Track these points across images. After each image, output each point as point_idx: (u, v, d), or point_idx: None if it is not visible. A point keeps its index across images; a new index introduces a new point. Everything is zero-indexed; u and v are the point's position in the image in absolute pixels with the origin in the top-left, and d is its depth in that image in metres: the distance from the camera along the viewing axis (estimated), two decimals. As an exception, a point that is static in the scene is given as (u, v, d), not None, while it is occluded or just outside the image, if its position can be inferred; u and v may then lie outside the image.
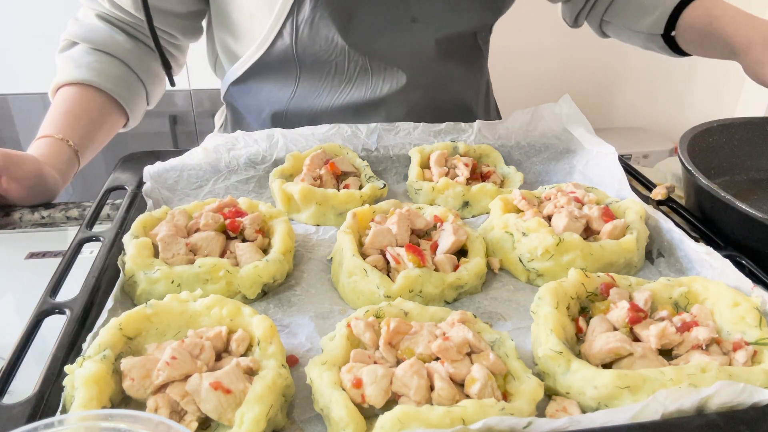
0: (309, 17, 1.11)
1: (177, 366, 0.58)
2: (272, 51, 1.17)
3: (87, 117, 1.17)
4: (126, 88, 1.21)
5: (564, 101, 1.16)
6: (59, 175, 1.08)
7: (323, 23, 1.11)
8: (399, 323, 0.63)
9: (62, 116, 1.15)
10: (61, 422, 0.44)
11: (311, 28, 1.12)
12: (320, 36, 1.13)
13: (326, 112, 1.23)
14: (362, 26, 1.14)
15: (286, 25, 1.12)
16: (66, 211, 1.05)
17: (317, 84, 1.21)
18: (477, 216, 1.01)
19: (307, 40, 1.14)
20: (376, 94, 1.20)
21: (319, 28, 1.12)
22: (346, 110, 1.23)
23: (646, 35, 1.28)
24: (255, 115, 1.30)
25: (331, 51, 1.15)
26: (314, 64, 1.18)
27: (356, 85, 1.20)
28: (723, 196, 0.84)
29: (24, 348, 0.64)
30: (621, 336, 0.65)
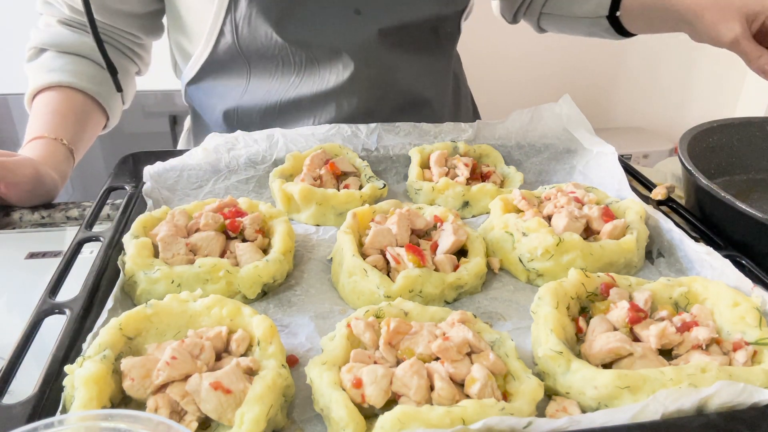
0: (246, 14, 1.10)
1: (177, 366, 0.58)
2: (218, 49, 1.17)
3: (73, 115, 1.17)
4: (101, 86, 1.22)
5: (564, 101, 1.16)
6: (57, 174, 1.08)
7: (259, 20, 1.11)
8: (399, 323, 0.63)
9: (49, 116, 1.15)
10: (61, 422, 0.44)
11: (249, 24, 1.11)
12: (259, 32, 1.12)
13: (276, 107, 1.22)
14: (301, 21, 1.12)
15: (225, 22, 1.12)
16: (66, 211, 1.05)
17: (268, 79, 1.20)
18: (477, 216, 1.01)
19: (248, 36, 1.13)
20: (324, 86, 1.19)
21: (256, 24, 1.11)
22: (296, 104, 1.21)
23: (589, 20, 1.27)
24: (209, 114, 1.29)
25: (272, 47, 1.14)
26: (261, 60, 1.17)
27: (305, 78, 1.19)
28: (723, 196, 0.84)
29: (24, 348, 0.63)
30: (621, 336, 0.65)
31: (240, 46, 1.14)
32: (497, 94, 3.02)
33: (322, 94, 1.19)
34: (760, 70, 0.97)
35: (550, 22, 1.39)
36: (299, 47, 1.15)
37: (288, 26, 1.12)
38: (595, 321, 0.69)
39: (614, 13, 1.23)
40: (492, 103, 2.91)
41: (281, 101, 1.21)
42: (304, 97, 1.20)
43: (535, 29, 1.45)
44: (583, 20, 1.29)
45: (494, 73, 2.95)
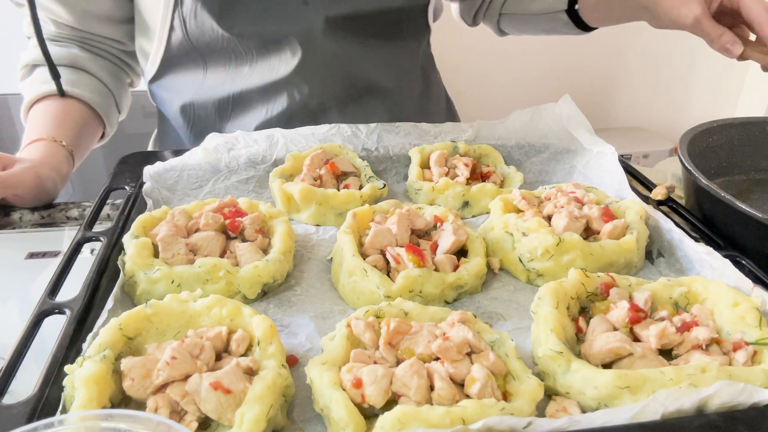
0: (191, 8, 1.10)
1: (177, 366, 0.58)
2: (171, 44, 1.17)
3: (70, 120, 1.18)
4: (97, 95, 1.23)
5: (564, 101, 1.16)
6: (57, 175, 1.09)
7: (204, 13, 1.11)
8: (399, 323, 0.63)
9: (48, 121, 1.16)
10: (61, 422, 0.44)
11: (196, 18, 1.11)
12: (206, 26, 1.12)
13: (230, 99, 1.21)
14: (245, 13, 1.12)
15: (174, 17, 1.12)
16: (66, 211, 1.05)
17: (223, 71, 1.20)
18: (477, 216, 1.01)
19: (196, 30, 1.13)
20: (275, 76, 1.18)
21: (202, 18, 1.11)
22: (249, 95, 1.21)
23: (548, 16, 1.26)
24: (168, 110, 1.29)
25: (220, 39, 1.14)
26: (214, 53, 1.17)
27: (256, 68, 1.19)
28: (723, 196, 0.84)
29: (24, 348, 0.63)
30: (621, 336, 0.65)
31: (191, 41, 1.14)
32: (497, 94, 3.03)
33: (273, 84, 1.19)
34: (723, 48, 0.96)
35: (510, 23, 1.38)
36: (246, 39, 1.15)
37: (231, 19, 1.12)
38: (595, 321, 0.69)
39: (573, 6, 1.22)
40: (492, 103, 2.92)
41: (234, 93, 1.20)
42: (256, 88, 1.20)
43: (495, 32, 1.44)
44: (541, 17, 1.28)
45: (494, 73, 2.95)
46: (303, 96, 1.20)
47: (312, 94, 1.20)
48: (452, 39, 2.65)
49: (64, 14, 1.19)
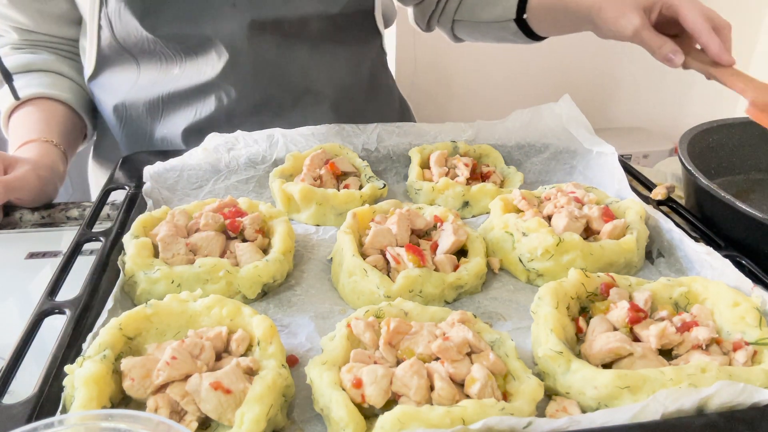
0: (115, 9, 1.09)
1: (177, 366, 0.58)
2: (101, 44, 1.16)
3: (56, 121, 1.18)
4: (74, 95, 1.23)
5: (564, 101, 1.16)
6: (55, 175, 1.09)
7: (127, 15, 1.09)
8: (399, 323, 0.63)
9: (34, 123, 1.16)
10: (61, 422, 0.44)
11: (120, 19, 1.10)
12: (130, 27, 1.11)
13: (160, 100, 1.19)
14: (169, 15, 1.11)
15: (101, 17, 1.11)
16: (66, 211, 1.05)
17: (155, 72, 1.18)
18: (477, 216, 1.01)
19: (122, 31, 1.12)
20: (203, 78, 1.17)
21: (126, 19, 1.10)
22: (178, 96, 1.19)
23: (498, 24, 1.26)
24: (103, 109, 1.27)
25: (145, 40, 1.12)
26: (144, 54, 1.16)
27: (186, 70, 1.17)
28: (723, 196, 0.84)
29: (24, 348, 0.64)
30: (621, 336, 0.65)
31: (118, 41, 1.13)
32: (497, 94, 3.02)
33: (201, 86, 1.17)
34: (664, 58, 0.96)
35: (463, 30, 1.37)
36: (170, 41, 1.13)
37: (155, 21, 1.11)
38: (595, 321, 0.69)
39: (521, 16, 1.22)
40: (492, 103, 2.92)
41: (164, 94, 1.19)
42: (184, 90, 1.18)
43: (450, 38, 1.43)
44: (492, 25, 1.28)
45: (494, 73, 2.95)
46: (231, 100, 1.18)
47: (240, 98, 1.18)
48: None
49: (21, 18, 1.18)
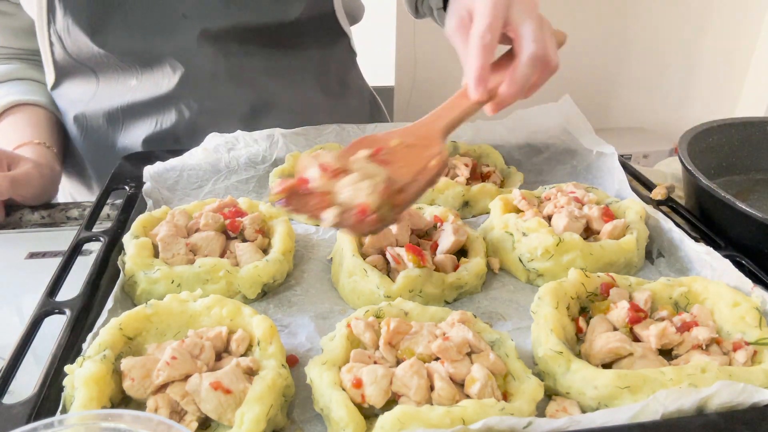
0: (63, 26, 1.08)
1: (177, 366, 0.58)
2: (56, 58, 1.14)
3: (41, 124, 1.18)
4: (51, 98, 1.22)
5: (564, 101, 1.16)
6: (54, 175, 1.09)
7: (76, 31, 1.08)
8: (399, 323, 0.63)
9: (23, 128, 1.16)
10: (61, 422, 0.44)
11: (70, 35, 1.09)
12: (81, 42, 1.09)
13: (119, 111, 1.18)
14: (118, 29, 1.09)
15: (51, 33, 1.10)
16: (66, 211, 1.05)
17: (113, 83, 1.17)
18: (477, 216, 1.01)
19: (74, 47, 1.10)
20: (160, 90, 1.15)
21: (75, 35, 1.09)
22: (136, 108, 1.17)
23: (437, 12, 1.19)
24: (65, 119, 1.25)
25: (97, 55, 1.11)
26: (100, 66, 1.14)
27: (143, 82, 1.16)
28: (723, 196, 0.84)
29: (24, 348, 0.64)
30: (621, 336, 0.65)
31: (71, 56, 1.12)
32: (497, 94, 3.02)
33: (160, 98, 1.16)
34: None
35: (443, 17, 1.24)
36: (122, 55, 1.12)
37: (104, 36, 1.09)
38: (595, 321, 0.69)
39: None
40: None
41: (123, 105, 1.17)
42: (143, 101, 1.17)
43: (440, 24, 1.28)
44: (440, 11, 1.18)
45: (494, 73, 2.95)
46: (192, 112, 1.16)
47: (201, 110, 1.16)
48: (452, 39, 2.65)
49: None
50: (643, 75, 3.20)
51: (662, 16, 3.01)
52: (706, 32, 3.05)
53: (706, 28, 3.04)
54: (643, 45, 3.10)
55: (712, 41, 3.05)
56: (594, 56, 3.08)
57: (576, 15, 2.84)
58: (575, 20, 2.84)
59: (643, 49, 3.12)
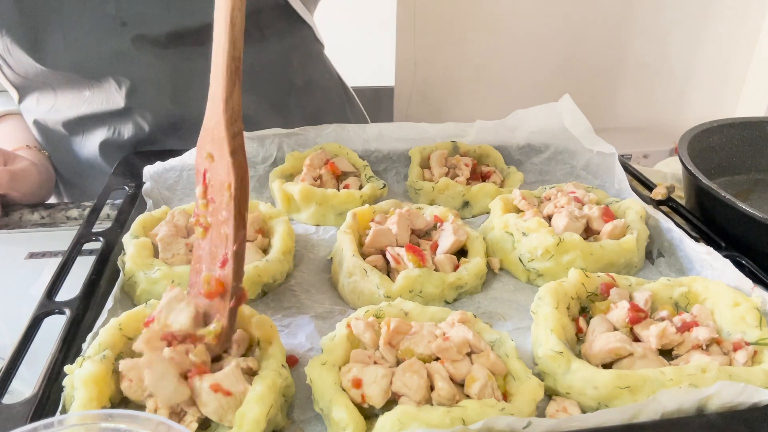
0: (3, 48, 1.06)
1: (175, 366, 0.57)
2: (8, 78, 1.13)
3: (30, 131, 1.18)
4: None
5: (564, 101, 1.16)
6: (49, 175, 1.10)
7: (17, 51, 1.06)
8: (399, 323, 0.63)
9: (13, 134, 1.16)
10: (61, 422, 0.44)
11: (12, 56, 1.07)
12: (23, 61, 1.07)
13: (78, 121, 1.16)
14: (59, 45, 1.07)
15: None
16: (66, 211, 1.05)
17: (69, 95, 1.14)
18: (477, 216, 1.01)
19: (18, 66, 1.09)
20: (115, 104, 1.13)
21: (18, 56, 1.07)
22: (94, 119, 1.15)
23: None
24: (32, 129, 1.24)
25: (43, 73, 1.09)
26: (54, 80, 1.12)
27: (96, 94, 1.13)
28: (723, 196, 0.84)
29: (24, 348, 0.64)
30: (621, 336, 0.65)
31: (19, 75, 1.10)
32: (497, 94, 3.02)
33: (114, 112, 1.14)
34: None
35: None
36: (65, 70, 1.09)
37: (44, 53, 1.07)
38: (595, 321, 0.69)
39: None
40: (492, 102, 2.91)
41: (80, 116, 1.15)
42: (98, 113, 1.15)
43: None
44: None
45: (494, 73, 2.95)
46: (150, 124, 1.14)
47: (158, 119, 1.14)
48: (452, 38, 2.65)
49: None
50: (643, 75, 3.20)
51: (662, 16, 3.01)
52: (706, 32, 3.05)
53: (706, 28, 3.04)
54: (643, 45, 3.10)
55: (712, 41, 3.05)
56: (594, 56, 3.08)
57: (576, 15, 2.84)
58: (575, 20, 2.84)
59: (643, 49, 3.12)
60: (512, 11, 2.62)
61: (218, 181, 0.61)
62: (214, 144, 0.61)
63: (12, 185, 0.99)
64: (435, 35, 2.61)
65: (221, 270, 0.60)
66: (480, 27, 2.61)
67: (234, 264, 0.60)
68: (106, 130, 1.16)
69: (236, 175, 0.60)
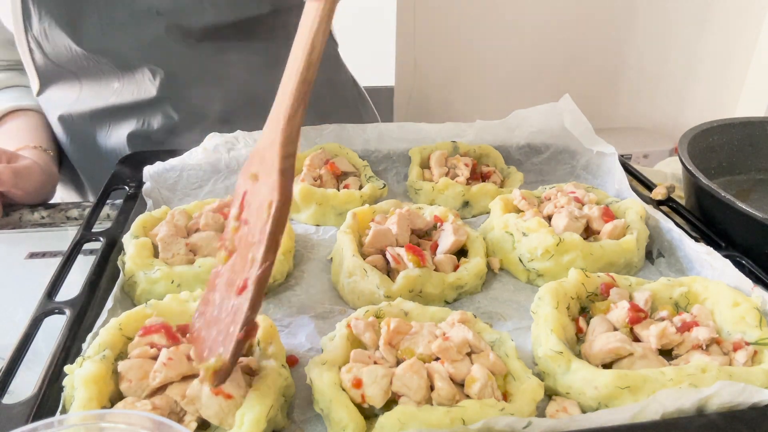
0: (40, 30, 1.08)
1: (173, 366, 0.57)
2: (36, 64, 1.14)
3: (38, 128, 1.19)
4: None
5: (564, 101, 1.16)
6: (52, 175, 1.10)
7: (55, 33, 1.08)
8: (399, 323, 0.63)
9: (22, 132, 1.17)
10: (61, 422, 0.44)
11: (48, 39, 1.09)
12: (60, 44, 1.09)
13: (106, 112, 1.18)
14: (95, 28, 1.09)
15: (29, 40, 1.10)
16: (66, 211, 1.05)
17: (96, 86, 1.17)
18: (477, 216, 1.01)
19: (53, 51, 1.10)
20: (145, 94, 1.15)
21: (54, 38, 1.09)
22: (123, 109, 1.18)
23: None
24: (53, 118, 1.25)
25: (78, 57, 1.11)
26: (82, 70, 1.14)
27: (126, 84, 1.15)
28: (723, 196, 0.84)
29: (24, 348, 0.64)
30: (621, 336, 0.65)
31: (51, 60, 1.12)
32: (497, 94, 3.02)
33: (143, 102, 1.16)
34: None
35: None
36: (101, 55, 1.11)
37: (81, 35, 1.09)
38: (595, 321, 0.69)
39: None
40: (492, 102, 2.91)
41: (107, 107, 1.17)
42: (128, 104, 1.17)
43: None
44: None
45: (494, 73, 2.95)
46: (179, 113, 1.16)
47: (189, 110, 1.16)
48: (453, 38, 2.65)
49: None
50: (643, 75, 3.20)
51: (662, 16, 3.01)
52: (706, 32, 3.05)
53: (707, 28, 3.04)
54: (643, 45, 3.10)
55: (712, 41, 3.05)
56: (594, 56, 3.08)
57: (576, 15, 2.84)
58: (576, 20, 2.84)
59: (643, 49, 3.12)
60: (512, 11, 2.62)
61: (258, 201, 0.58)
62: (263, 164, 0.59)
63: (15, 182, 1.00)
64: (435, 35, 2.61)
65: (236, 297, 0.56)
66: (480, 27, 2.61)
67: (254, 290, 0.55)
68: (134, 122, 1.17)
69: (281, 195, 0.57)
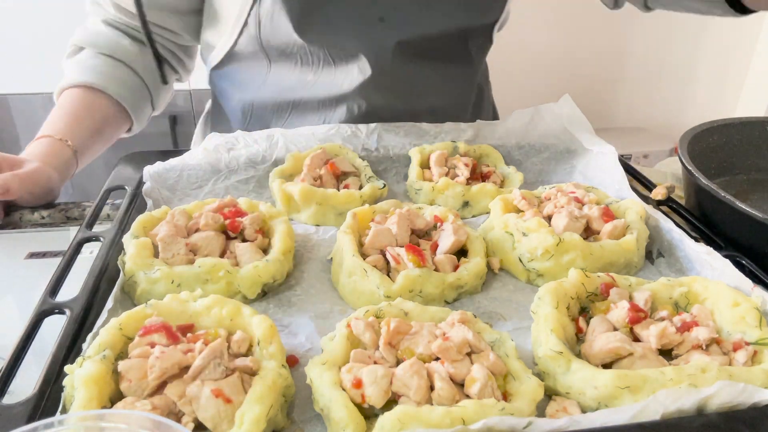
0: (269, 10, 1.10)
1: (167, 357, 0.57)
2: (240, 40, 1.17)
3: (89, 119, 1.17)
4: (130, 91, 1.22)
5: (564, 101, 1.16)
6: (58, 174, 1.09)
7: (281, 17, 1.10)
8: (399, 323, 0.63)
9: (64, 117, 1.16)
10: (61, 422, 0.44)
11: (272, 21, 1.11)
12: (280, 29, 1.12)
13: (290, 104, 1.22)
14: (323, 23, 1.12)
15: (251, 14, 1.12)
16: (66, 211, 1.05)
17: (287, 75, 1.20)
18: (477, 216, 1.01)
19: (270, 32, 1.13)
20: (338, 90, 1.18)
21: (278, 21, 1.11)
22: (309, 104, 1.21)
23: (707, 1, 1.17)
24: (227, 102, 1.29)
25: (291, 44, 1.14)
26: (281, 57, 1.17)
27: (321, 79, 1.18)
28: (723, 196, 0.84)
29: (24, 348, 0.63)
30: (621, 336, 0.65)
31: (261, 40, 1.14)
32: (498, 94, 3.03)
33: (334, 97, 1.18)
34: None
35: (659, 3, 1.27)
36: (318, 48, 1.14)
37: (308, 27, 1.12)
38: (595, 321, 0.69)
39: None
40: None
41: (295, 99, 1.21)
42: (316, 98, 1.20)
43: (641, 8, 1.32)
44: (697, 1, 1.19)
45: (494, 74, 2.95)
46: (361, 112, 1.19)
47: (370, 113, 1.18)
48: (452, 39, 2.65)
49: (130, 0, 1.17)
50: (643, 75, 3.21)
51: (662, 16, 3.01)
52: (707, 32, 3.05)
53: (707, 28, 3.04)
54: (643, 45, 3.10)
55: (712, 41, 3.05)
56: (594, 56, 3.08)
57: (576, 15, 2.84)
58: (576, 20, 2.84)
59: (643, 49, 3.12)
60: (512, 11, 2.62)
61: None
62: None
63: (23, 188, 0.99)
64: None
65: None
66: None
67: None
68: (315, 116, 1.20)
69: None
